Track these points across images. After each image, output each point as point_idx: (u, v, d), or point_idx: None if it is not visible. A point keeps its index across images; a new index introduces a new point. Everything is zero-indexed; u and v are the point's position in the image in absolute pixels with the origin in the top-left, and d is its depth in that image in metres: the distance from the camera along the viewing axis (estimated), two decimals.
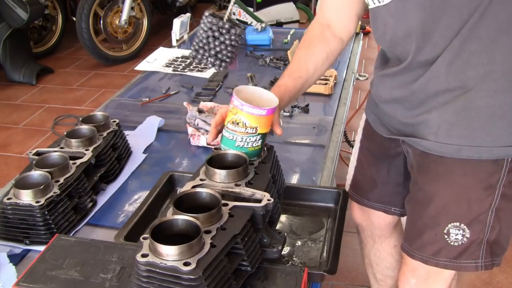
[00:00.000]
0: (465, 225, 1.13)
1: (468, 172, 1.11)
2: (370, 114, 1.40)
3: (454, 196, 1.14)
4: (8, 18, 3.97)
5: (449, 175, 1.13)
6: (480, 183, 1.11)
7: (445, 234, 1.15)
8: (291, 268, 1.04)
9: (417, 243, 1.22)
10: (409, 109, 1.18)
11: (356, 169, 1.51)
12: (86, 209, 1.31)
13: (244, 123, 1.12)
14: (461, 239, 1.15)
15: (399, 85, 1.18)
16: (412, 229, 1.26)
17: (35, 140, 3.32)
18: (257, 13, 4.16)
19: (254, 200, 1.05)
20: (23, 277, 0.99)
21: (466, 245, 1.15)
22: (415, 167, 1.23)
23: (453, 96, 1.08)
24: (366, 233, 1.62)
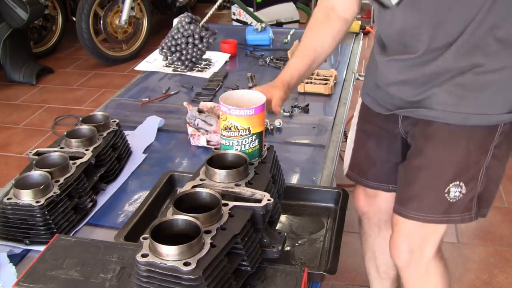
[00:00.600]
0: (463, 182, 1.26)
1: (471, 137, 1.23)
2: (366, 96, 1.47)
3: (456, 159, 1.25)
4: (8, 18, 3.97)
5: (454, 141, 1.24)
6: (479, 147, 1.24)
7: (446, 193, 1.26)
8: (291, 268, 1.04)
9: (414, 204, 1.30)
10: (417, 88, 1.26)
11: (354, 150, 1.55)
12: (86, 209, 1.31)
13: (236, 126, 1.14)
14: (459, 195, 1.27)
15: (409, 68, 1.26)
16: (407, 192, 1.33)
17: (35, 140, 3.32)
18: (257, 13, 4.16)
19: (254, 200, 1.05)
20: (23, 277, 0.99)
21: (462, 200, 1.27)
22: (418, 135, 1.31)
23: (461, 72, 1.19)
24: (372, 221, 1.66)
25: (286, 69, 1.38)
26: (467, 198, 1.28)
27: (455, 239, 2.37)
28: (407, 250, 1.37)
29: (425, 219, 1.30)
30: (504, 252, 2.35)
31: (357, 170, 1.55)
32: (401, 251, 1.38)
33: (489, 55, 1.17)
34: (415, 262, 1.38)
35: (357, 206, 1.66)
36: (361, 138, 1.53)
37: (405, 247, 1.37)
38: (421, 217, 1.30)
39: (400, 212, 1.34)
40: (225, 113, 1.15)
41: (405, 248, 1.37)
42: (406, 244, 1.36)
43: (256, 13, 4.15)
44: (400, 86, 1.30)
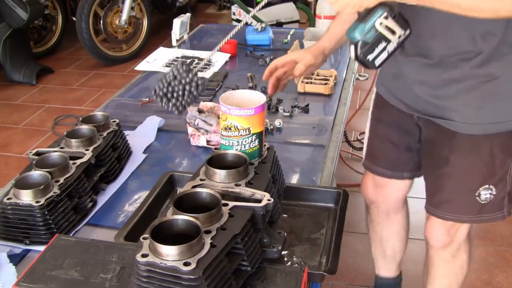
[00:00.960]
0: (493, 185, 1.34)
1: (493, 143, 1.30)
2: (381, 87, 1.50)
3: (482, 165, 1.32)
4: (8, 18, 3.97)
5: (477, 149, 1.31)
6: (502, 150, 1.31)
7: (477, 196, 1.35)
8: (291, 268, 1.04)
9: (447, 207, 1.40)
10: (436, 90, 1.29)
11: (369, 140, 1.61)
12: (86, 209, 1.31)
13: (236, 126, 1.14)
14: (490, 197, 1.35)
15: (428, 70, 1.29)
16: (438, 198, 1.41)
17: (35, 140, 3.32)
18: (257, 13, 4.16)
19: (254, 200, 1.05)
20: (23, 277, 0.99)
21: (493, 201, 1.36)
22: (439, 143, 1.37)
23: (479, 82, 1.23)
24: (381, 209, 1.70)
25: (325, 35, 1.44)
26: (498, 198, 1.36)
27: None
28: (444, 232, 1.46)
29: (459, 219, 1.41)
30: (504, 252, 2.35)
31: (372, 159, 1.61)
32: (438, 233, 1.47)
33: (503, 65, 1.21)
34: (450, 242, 1.48)
35: (366, 195, 1.71)
36: (376, 128, 1.58)
37: (442, 230, 1.45)
38: (455, 217, 1.40)
39: (435, 213, 1.43)
40: (225, 113, 1.15)
41: (442, 231, 1.46)
42: (443, 227, 1.45)
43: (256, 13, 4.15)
44: (420, 86, 1.33)
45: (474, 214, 1.38)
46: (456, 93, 1.26)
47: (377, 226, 1.76)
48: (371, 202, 1.72)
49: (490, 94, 1.24)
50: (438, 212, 1.43)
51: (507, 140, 1.30)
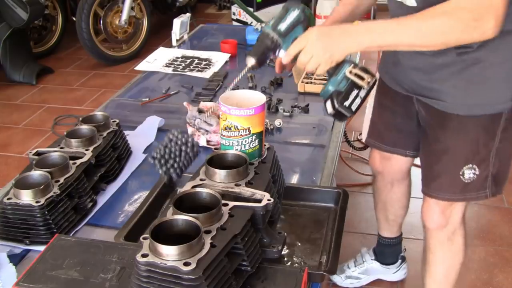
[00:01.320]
0: (476, 165, 1.42)
1: (478, 125, 1.38)
2: (384, 73, 1.61)
3: (468, 144, 1.41)
4: (8, 18, 3.96)
5: (463, 129, 1.40)
6: (486, 132, 1.39)
7: (461, 175, 1.43)
8: (291, 268, 1.05)
9: (435, 185, 1.49)
10: (429, 74, 1.39)
11: (372, 121, 1.74)
12: (86, 209, 1.31)
13: (236, 126, 1.14)
14: (473, 176, 1.43)
15: (420, 57, 1.37)
16: (429, 175, 1.51)
17: (35, 140, 3.32)
18: (257, 13, 4.16)
19: (254, 200, 1.05)
20: (23, 277, 0.99)
21: (476, 180, 1.43)
22: (432, 123, 1.47)
23: (466, 66, 1.31)
24: (386, 179, 1.84)
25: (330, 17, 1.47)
26: (481, 178, 1.43)
27: None
28: (439, 212, 1.53)
29: (444, 197, 1.49)
30: (504, 252, 2.35)
31: (375, 137, 1.73)
32: (433, 213, 1.54)
33: (488, 50, 1.27)
34: (445, 223, 1.55)
35: (373, 166, 1.85)
36: (379, 111, 1.70)
37: (437, 210, 1.53)
38: (441, 196, 1.49)
39: (425, 192, 1.54)
40: (225, 113, 1.15)
41: (437, 211, 1.53)
42: (437, 207, 1.52)
43: (256, 13, 4.15)
44: (414, 71, 1.43)
45: (458, 192, 1.46)
46: (445, 76, 1.36)
47: (382, 194, 1.90)
48: (377, 173, 1.85)
49: (475, 77, 1.32)
50: (428, 191, 1.52)
51: (490, 123, 1.37)
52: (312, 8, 4.69)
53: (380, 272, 2.12)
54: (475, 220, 2.56)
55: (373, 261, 2.10)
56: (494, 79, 1.32)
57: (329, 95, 1.22)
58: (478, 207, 2.66)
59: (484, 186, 1.45)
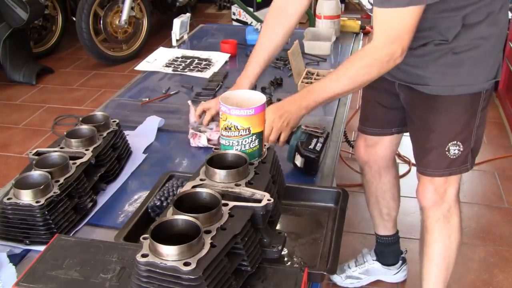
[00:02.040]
0: (460, 141, 1.53)
1: (459, 104, 1.49)
2: None
3: (451, 123, 1.52)
4: (8, 18, 3.97)
5: (446, 108, 1.51)
6: (467, 111, 1.51)
7: (446, 151, 1.54)
8: (291, 268, 1.04)
9: (424, 162, 1.59)
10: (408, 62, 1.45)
11: (362, 105, 1.85)
12: (86, 209, 1.31)
13: (236, 126, 1.14)
14: (458, 153, 1.54)
15: None
16: (419, 153, 1.61)
17: (35, 140, 3.32)
18: (257, 13, 4.16)
19: (254, 200, 1.05)
20: (23, 277, 0.99)
21: (460, 156, 1.55)
22: (417, 105, 1.57)
23: (443, 54, 1.45)
24: (374, 169, 1.90)
25: (245, 76, 1.68)
26: (464, 154, 1.54)
27: None
28: (433, 190, 1.60)
29: (433, 173, 1.58)
30: (504, 252, 2.35)
31: (363, 121, 1.83)
32: (427, 191, 1.61)
33: (461, 40, 1.42)
34: (440, 201, 1.61)
35: (358, 156, 1.91)
36: (367, 94, 1.81)
37: (431, 188, 1.60)
38: (430, 172, 1.58)
39: (418, 169, 1.63)
40: (225, 113, 1.15)
41: (431, 189, 1.60)
42: (431, 185, 1.60)
43: (256, 13, 4.15)
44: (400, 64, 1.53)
45: (444, 167, 1.56)
46: (425, 63, 1.48)
47: (372, 186, 1.95)
48: (364, 163, 1.91)
49: (451, 62, 1.44)
50: (419, 168, 1.61)
51: (471, 102, 1.49)
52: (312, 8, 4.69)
53: (381, 273, 2.12)
54: (475, 220, 2.56)
55: (374, 261, 2.11)
56: (468, 63, 1.44)
57: (294, 149, 1.47)
58: (478, 207, 2.66)
59: (465, 160, 1.56)
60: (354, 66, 1.38)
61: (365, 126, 1.84)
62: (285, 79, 2.16)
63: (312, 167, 1.48)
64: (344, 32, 2.77)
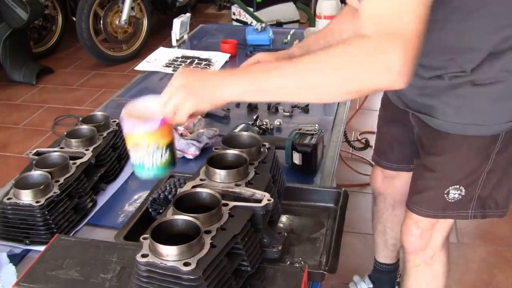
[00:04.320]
0: (463, 186, 1.34)
1: (471, 145, 1.29)
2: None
3: (457, 165, 1.33)
4: (8, 18, 3.96)
5: (454, 148, 1.31)
6: (479, 154, 1.30)
7: (445, 194, 1.36)
8: (291, 268, 1.04)
9: (416, 198, 1.42)
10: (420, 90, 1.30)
11: (377, 136, 1.71)
12: (86, 209, 1.31)
13: (145, 142, 1.04)
14: (458, 197, 1.35)
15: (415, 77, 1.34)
16: (414, 187, 1.45)
17: (35, 140, 3.32)
18: (257, 13, 4.16)
19: (254, 200, 1.05)
20: (23, 277, 0.99)
21: (459, 200, 1.36)
22: (423, 138, 1.40)
23: (459, 83, 1.22)
24: (387, 201, 1.78)
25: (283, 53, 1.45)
26: (466, 199, 1.36)
27: (455, 239, 2.37)
28: (418, 234, 1.46)
29: (423, 213, 1.42)
30: (504, 252, 2.35)
31: (379, 153, 1.70)
32: (411, 235, 1.47)
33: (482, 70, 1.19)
34: (424, 247, 1.48)
35: (374, 187, 1.79)
36: (381, 124, 1.67)
37: (415, 232, 1.46)
38: (421, 211, 1.42)
39: (407, 205, 1.47)
40: (130, 131, 1.04)
41: (416, 233, 1.46)
42: (416, 229, 1.46)
43: (256, 13, 4.15)
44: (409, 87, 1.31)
45: (439, 210, 1.40)
46: (437, 91, 1.27)
47: (382, 217, 1.83)
48: (378, 194, 1.79)
49: (470, 95, 1.23)
50: (409, 203, 1.45)
51: (485, 144, 1.28)
52: (312, 8, 4.69)
53: None
54: (475, 220, 2.56)
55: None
56: (488, 98, 1.22)
57: (290, 148, 1.47)
58: None
59: (467, 206, 1.38)
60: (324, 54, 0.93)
61: (381, 159, 1.68)
62: None
63: (310, 162, 1.47)
64: None
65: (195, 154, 1.58)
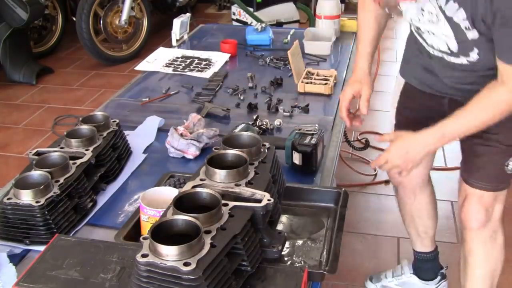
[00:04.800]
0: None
1: None
2: (412, 78, 1.66)
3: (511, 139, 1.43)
4: (8, 18, 3.96)
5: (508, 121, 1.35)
6: None
7: (506, 165, 1.45)
8: (291, 268, 1.05)
9: (478, 175, 1.50)
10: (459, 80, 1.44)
11: (396, 124, 1.74)
12: (86, 209, 1.31)
13: None
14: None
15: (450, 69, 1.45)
16: (472, 166, 1.52)
17: (35, 140, 3.32)
18: (257, 13, 4.16)
19: (254, 200, 1.05)
20: (23, 277, 0.99)
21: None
22: None
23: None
24: (408, 189, 1.80)
25: (363, 59, 1.58)
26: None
27: (455, 239, 2.37)
28: (483, 210, 1.51)
29: (486, 187, 1.49)
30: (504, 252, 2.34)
31: None
32: (476, 212, 1.52)
33: None
34: (488, 221, 1.53)
35: (392, 176, 1.81)
36: (401, 117, 1.72)
37: (481, 208, 1.52)
38: (483, 185, 1.49)
39: (467, 181, 1.53)
40: (153, 217, 1.13)
41: (481, 209, 1.52)
42: (481, 205, 1.51)
43: (256, 13, 4.15)
44: (447, 78, 1.49)
45: (500, 182, 1.49)
46: (478, 79, 1.38)
47: (406, 205, 1.85)
48: (398, 183, 1.82)
49: None
50: (471, 180, 1.51)
51: None
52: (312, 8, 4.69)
53: (418, 287, 2.02)
54: None
55: (411, 275, 2.02)
56: None
57: (290, 148, 1.49)
58: None
59: None
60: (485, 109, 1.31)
61: None
62: (285, 79, 2.16)
63: (310, 161, 1.48)
64: (344, 32, 2.77)
65: (195, 154, 1.58)
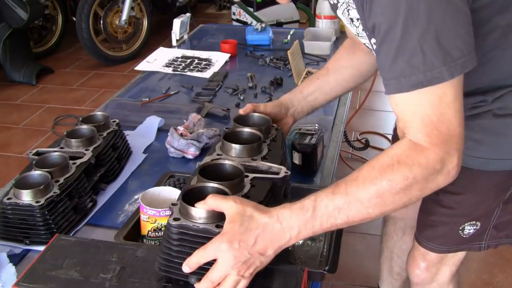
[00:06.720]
0: (479, 221, 1.28)
1: (490, 181, 1.22)
2: None
3: (475, 202, 1.26)
4: (8, 18, 3.97)
5: (474, 184, 1.23)
6: (498, 189, 1.24)
7: (460, 230, 1.29)
8: (291, 268, 1.04)
9: (428, 234, 1.35)
10: None
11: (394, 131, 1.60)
12: (86, 209, 1.31)
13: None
14: (473, 232, 1.29)
15: None
16: (425, 221, 1.37)
17: (35, 140, 3.32)
18: (257, 13, 4.16)
19: (271, 173, 1.09)
20: (23, 277, 0.99)
21: (474, 234, 1.30)
22: None
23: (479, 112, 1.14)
24: (398, 226, 1.72)
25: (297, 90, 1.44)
26: (480, 232, 1.31)
27: None
28: (424, 268, 1.42)
29: (435, 249, 1.36)
30: (504, 252, 2.35)
31: None
32: (417, 267, 1.43)
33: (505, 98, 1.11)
34: (430, 280, 1.44)
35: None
36: None
37: (422, 265, 1.42)
38: (432, 247, 1.36)
39: (417, 238, 1.39)
40: (154, 216, 1.14)
41: (422, 266, 1.42)
42: (423, 262, 1.41)
43: (256, 13, 4.15)
44: None
45: (453, 245, 1.34)
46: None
47: (390, 241, 1.78)
48: (389, 217, 1.75)
49: (492, 126, 1.15)
50: (420, 237, 1.38)
51: (505, 179, 1.22)
52: (312, 8, 4.69)
53: None
54: None
55: None
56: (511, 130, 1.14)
57: (290, 147, 1.47)
58: None
59: (480, 238, 1.32)
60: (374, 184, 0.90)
61: None
62: (285, 79, 2.16)
63: (310, 161, 1.48)
64: (344, 32, 2.77)
65: (195, 154, 1.58)
